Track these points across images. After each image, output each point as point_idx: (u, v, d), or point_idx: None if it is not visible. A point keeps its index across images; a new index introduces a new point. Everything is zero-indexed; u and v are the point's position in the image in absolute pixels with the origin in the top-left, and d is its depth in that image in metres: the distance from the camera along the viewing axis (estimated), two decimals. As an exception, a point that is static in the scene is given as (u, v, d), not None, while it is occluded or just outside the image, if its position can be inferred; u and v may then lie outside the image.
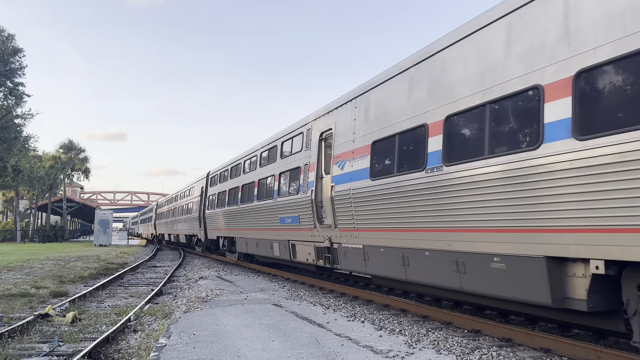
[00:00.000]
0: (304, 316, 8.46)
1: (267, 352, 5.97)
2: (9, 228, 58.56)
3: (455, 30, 7.29)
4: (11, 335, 7.54)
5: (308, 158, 11.84)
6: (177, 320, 8.08)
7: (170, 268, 20.45)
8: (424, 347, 6.31)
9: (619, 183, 4.64)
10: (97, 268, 19.51)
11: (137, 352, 6.73)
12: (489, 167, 6.18)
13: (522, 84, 5.85)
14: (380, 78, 9.10)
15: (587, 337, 6.66)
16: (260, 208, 15.22)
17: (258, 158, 16.22)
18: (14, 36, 36.90)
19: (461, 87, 6.86)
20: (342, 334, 7.00)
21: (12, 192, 55.32)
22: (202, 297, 10.79)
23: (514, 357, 5.80)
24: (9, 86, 36.70)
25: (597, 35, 5.01)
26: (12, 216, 61.42)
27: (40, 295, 11.70)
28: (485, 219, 6.29)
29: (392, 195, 8.19)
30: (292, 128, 13.37)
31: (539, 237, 5.54)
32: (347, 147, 9.93)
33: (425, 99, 7.61)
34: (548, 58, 5.56)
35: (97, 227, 43.61)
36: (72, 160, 58.53)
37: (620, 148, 4.65)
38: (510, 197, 5.84)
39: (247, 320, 8.04)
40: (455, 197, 6.73)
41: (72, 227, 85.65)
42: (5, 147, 35.94)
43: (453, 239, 6.89)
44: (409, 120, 7.95)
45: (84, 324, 8.70)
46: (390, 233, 8.40)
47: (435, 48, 7.59)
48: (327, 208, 10.75)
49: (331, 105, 11.10)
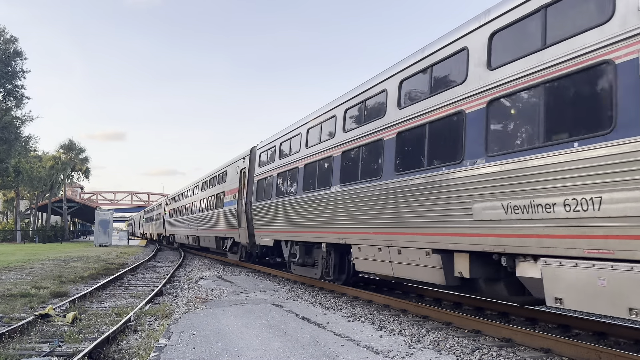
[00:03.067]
0: (304, 316, 8.46)
1: (267, 352, 5.97)
2: (9, 228, 58.52)
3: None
4: (11, 336, 7.54)
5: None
6: (177, 321, 8.08)
7: (170, 268, 20.45)
8: (424, 347, 6.31)
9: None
10: (98, 268, 19.51)
11: (137, 352, 6.73)
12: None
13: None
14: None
15: (587, 337, 6.67)
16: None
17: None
18: (17, 39, 37.02)
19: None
20: (342, 334, 7.00)
21: (12, 192, 55.30)
22: (202, 297, 10.80)
23: (514, 357, 5.80)
24: (9, 88, 36.72)
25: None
26: (13, 216, 61.41)
27: (40, 295, 11.70)
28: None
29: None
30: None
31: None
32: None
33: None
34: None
35: (98, 228, 43.61)
36: (73, 161, 58.53)
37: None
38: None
39: (248, 321, 8.04)
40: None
41: (73, 228, 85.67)
42: (5, 148, 35.97)
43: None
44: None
45: (84, 324, 8.69)
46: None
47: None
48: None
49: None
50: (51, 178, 55.04)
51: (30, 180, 49.27)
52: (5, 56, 36.04)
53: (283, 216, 13.79)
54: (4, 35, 36.30)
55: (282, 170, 14.06)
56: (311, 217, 11.94)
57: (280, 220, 13.99)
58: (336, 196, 10.63)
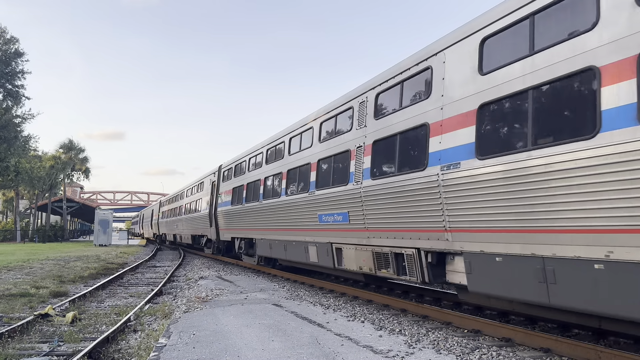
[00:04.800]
0: (304, 316, 8.46)
1: (267, 352, 5.98)
2: (9, 228, 58.52)
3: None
4: (11, 335, 7.54)
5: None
6: (177, 320, 8.09)
7: (170, 268, 20.45)
8: (424, 347, 6.31)
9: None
10: (97, 268, 19.50)
11: (137, 352, 6.73)
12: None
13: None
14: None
15: (587, 337, 6.67)
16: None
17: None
18: (18, 40, 37.00)
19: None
20: (342, 334, 7.00)
21: (12, 192, 55.29)
22: (202, 297, 10.80)
23: (514, 357, 5.80)
24: (9, 88, 36.72)
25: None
26: (12, 216, 61.41)
27: (40, 295, 11.70)
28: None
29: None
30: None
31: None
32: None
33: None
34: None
35: (97, 227, 43.59)
36: (72, 160, 58.50)
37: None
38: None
39: (247, 320, 8.04)
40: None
41: (72, 227, 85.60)
42: (5, 147, 35.95)
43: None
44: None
45: (84, 324, 8.69)
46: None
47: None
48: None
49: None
50: (51, 178, 55.01)
51: (30, 180, 49.20)
52: (6, 56, 36.04)
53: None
54: (4, 35, 36.32)
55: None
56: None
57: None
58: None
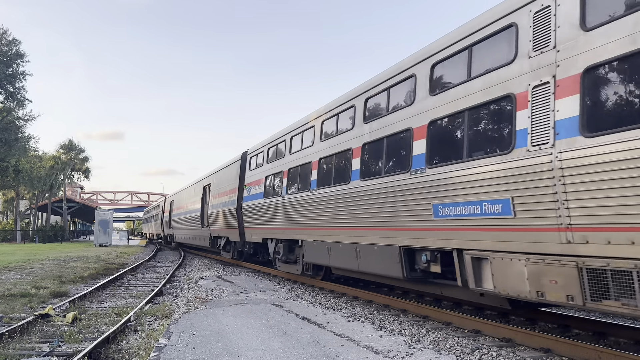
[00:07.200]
0: (304, 316, 8.46)
1: (267, 352, 5.97)
2: (9, 228, 58.48)
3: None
4: (11, 336, 7.54)
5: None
6: (177, 321, 8.09)
7: (170, 268, 20.45)
8: (424, 347, 6.31)
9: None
10: (97, 268, 19.50)
11: (137, 352, 6.73)
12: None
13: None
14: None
15: (587, 337, 6.67)
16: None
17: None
18: (20, 41, 37.03)
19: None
20: (342, 334, 7.00)
21: (12, 192, 55.29)
22: (202, 297, 10.80)
23: (514, 357, 5.80)
24: (10, 90, 36.73)
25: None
26: (13, 216, 61.38)
27: (40, 295, 11.70)
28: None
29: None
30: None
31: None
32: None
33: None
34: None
35: (97, 227, 43.57)
36: (73, 161, 58.49)
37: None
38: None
39: (248, 321, 8.04)
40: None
41: (72, 227, 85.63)
42: (6, 149, 35.97)
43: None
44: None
45: (84, 324, 8.69)
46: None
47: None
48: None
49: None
50: (51, 178, 54.99)
51: (30, 180, 49.16)
52: (7, 58, 36.04)
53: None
54: (5, 37, 36.32)
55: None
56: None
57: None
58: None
